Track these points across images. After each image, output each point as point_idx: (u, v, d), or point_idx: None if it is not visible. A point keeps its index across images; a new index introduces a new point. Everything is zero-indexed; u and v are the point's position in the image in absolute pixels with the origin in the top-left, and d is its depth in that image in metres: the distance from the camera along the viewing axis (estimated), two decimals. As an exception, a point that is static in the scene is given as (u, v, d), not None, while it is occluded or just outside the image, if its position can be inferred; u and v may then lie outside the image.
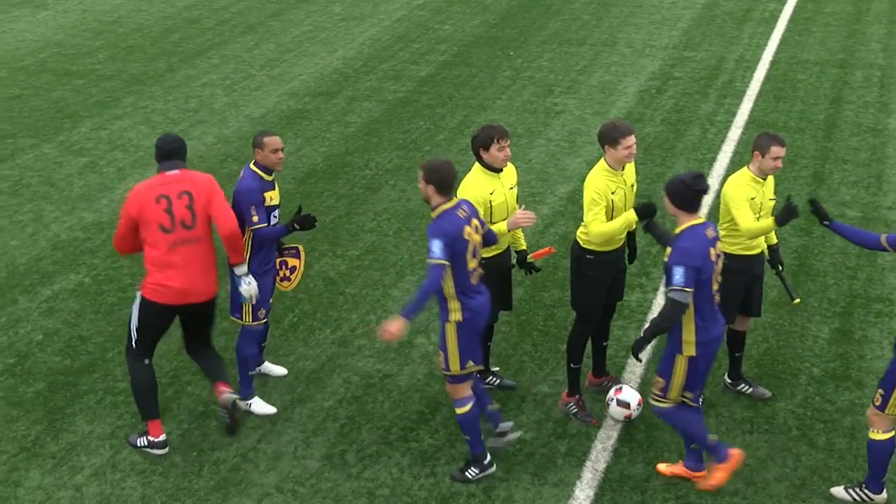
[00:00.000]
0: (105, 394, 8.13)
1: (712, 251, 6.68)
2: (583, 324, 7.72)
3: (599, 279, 7.58)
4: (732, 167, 11.93)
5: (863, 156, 12.35)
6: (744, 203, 7.38)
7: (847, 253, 10.13)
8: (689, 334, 6.67)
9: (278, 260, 7.93)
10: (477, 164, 7.51)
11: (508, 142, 7.45)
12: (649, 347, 8.67)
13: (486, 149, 7.41)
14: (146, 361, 7.37)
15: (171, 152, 7.40)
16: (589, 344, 7.98)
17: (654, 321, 6.80)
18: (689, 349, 6.70)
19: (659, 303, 9.32)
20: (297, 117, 13.67)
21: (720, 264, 6.78)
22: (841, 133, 12.99)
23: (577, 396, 7.84)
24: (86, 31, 17.31)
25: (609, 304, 7.87)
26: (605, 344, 8.07)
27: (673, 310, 6.56)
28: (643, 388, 8.09)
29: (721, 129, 13.12)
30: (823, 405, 7.97)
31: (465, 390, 6.99)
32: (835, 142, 12.74)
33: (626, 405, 7.64)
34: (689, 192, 6.68)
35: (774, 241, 7.90)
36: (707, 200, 11.19)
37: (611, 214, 7.36)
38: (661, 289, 9.53)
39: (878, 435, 6.80)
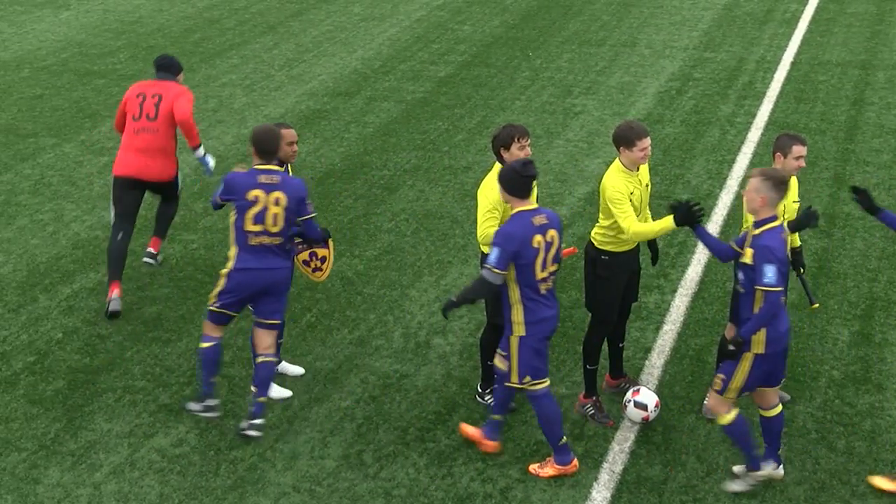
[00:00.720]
0: (124, 392, 8.18)
1: (538, 238, 6.82)
2: (599, 325, 7.70)
3: (615, 280, 7.57)
4: (752, 169, 11.87)
5: (885, 158, 12.26)
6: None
7: (868, 255, 10.06)
8: (517, 315, 6.93)
9: (308, 252, 7.96)
10: (497, 164, 7.50)
11: (529, 141, 7.45)
12: (667, 348, 8.65)
13: (507, 148, 7.41)
14: (120, 235, 9.20)
15: (162, 66, 9.50)
16: (606, 345, 7.96)
17: (463, 290, 7.06)
18: (519, 329, 6.94)
19: (677, 304, 9.29)
20: (316, 117, 13.70)
21: (553, 252, 6.92)
22: (863, 135, 12.91)
23: (594, 398, 7.82)
24: (107, 32, 17.41)
25: (625, 305, 7.85)
26: (621, 345, 8.05)
27: (480, 285, 6.89)
28: (661, 390, 8.06)
29: (741, 131, 13.06)
30: (843, 408, 7.92)
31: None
32: (856, 143, 12.65)
33: (644, 407, 7.62)
34: (519, 179, 6.87)
35: (798, 243, 7.85)
36: (727, 202, 11.15)
37: None
38: (680, 290, 9.50)
39: (725, 418, 6.89)
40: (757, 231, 6.73)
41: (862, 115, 13.51)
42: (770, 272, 6.55)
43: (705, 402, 7.85)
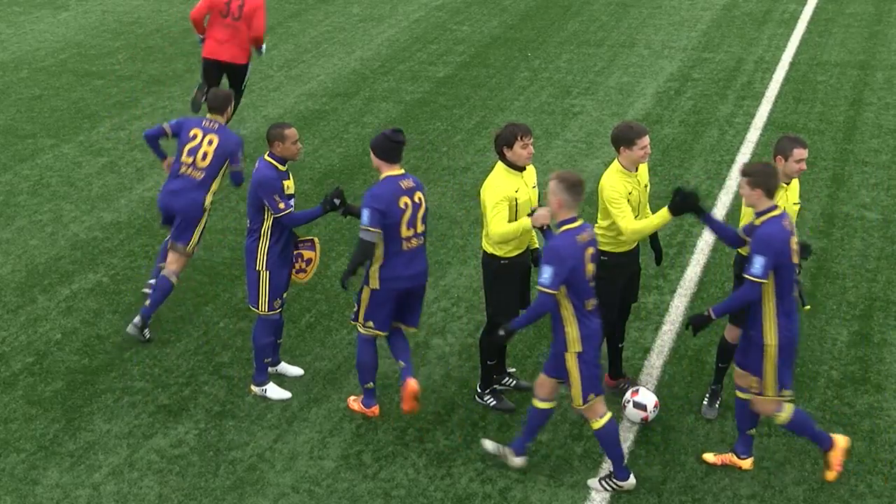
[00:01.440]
0: (123, 393, 8.17)
1: (405, 199, 7.30)
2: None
3: (614, 281, 7.57)
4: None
5: (883, 158, 12.27)
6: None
7: (867, 256, 10.07)
8: (374, 269, 7.41)
9: (294, 252, 7.99)
10: (500, 163, 7.51)
11: (532, 139, 7.46)
12: (666, 349, 8.65)
13: (510, 146, 7.42)
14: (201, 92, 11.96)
15: None
16: (605, 346, 7.97)
17: (352, 256, 7.42)
18: (374, 282, 7.45)
19: (676, 305, 9.29)
20: (315, 118, 13.70)
21: (421, 213, 7.40)
22: (861, 135, 12.92)
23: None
24: (106, 32, 17.40)
25: (624, 305, 7.86)
26: (620, 346, 8.05)
27: (361, 247, 7.31)
28: (660, 390, 8.06)
29: (740, 131, 13.07)
30: (842, 408, 7.92)
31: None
32: (855, 144, 12.66)
33: (643, 407, 7.62)
34: (388, 144, 7.33)
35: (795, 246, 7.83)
36: (726, 202, 11.16)
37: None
38: (679, 291, 9.50)
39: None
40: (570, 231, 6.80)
41: (860, 116, 13.51)
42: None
43: (704, 402, 7.86)
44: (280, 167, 7.78)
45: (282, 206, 7.65)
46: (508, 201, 7.35)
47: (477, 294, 9.47)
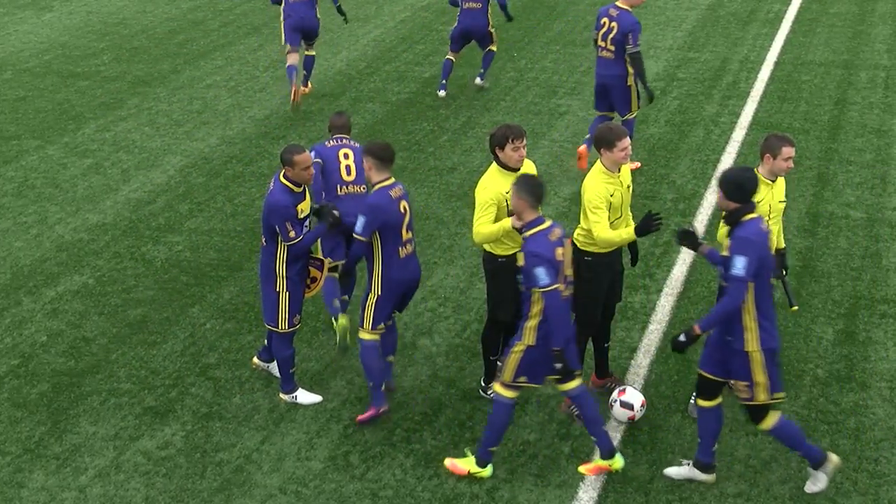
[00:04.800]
0: (109, 395, 8.14)
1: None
2: (582, 326, 7.73)
3: (597, 281, 7.61)
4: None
5: (867, 157, 12.33)
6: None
7: (851, 254, 10.11)
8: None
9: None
10: (494, 163, 7.55)
11: (524, 142, 7.49)
12: (653, 348, 8.67)
13: (502, 148, 7.47)
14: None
15: None
16: (591, 345, 7.99)
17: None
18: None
19: (662, 304, 9.32)
20: (301, 119, 13.67)
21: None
22: (846, 134, 12.97)
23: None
24: (90, 33, 17.34)
25: (608, 305, 7.89)
26: (606, 345, 8.07)
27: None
28: (647, 390, 8.08)
29: (725, 131, 13.11)
30: (828, 406, 7.95)
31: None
32: (839, 143, 12.72)
33: (630, 406, 7.64)
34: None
35: (782, 245, 7.87)
36: (712, 201, 11.18)
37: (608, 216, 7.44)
38: (666, 290, 9.53)
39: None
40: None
41: (845, 115, 13.58)
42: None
43: (691, 401, 7.88)
44: (295, 189, 7.62)
45: (292, 234, 7.53)
46: (497, 203, 7.39)
47: (464, 294, 9.48)
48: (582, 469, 7.23)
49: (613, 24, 11.38)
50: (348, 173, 8.55)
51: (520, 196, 6.89)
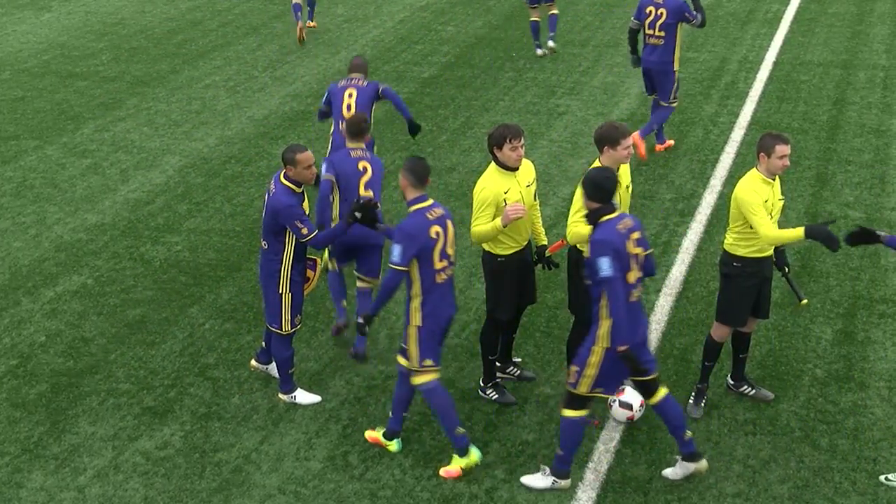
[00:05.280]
0: (108, 395, 8.14)
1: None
2: (581, 326, 7.72)
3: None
4: (735, 168, 11.93)
5: (866, 157, 12.33)
6: (760, 208, 7.29)
7: (850, 254, 10.12)
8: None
9: None
10: (493, 163, 7.55)
11: (522, 142, 7.49)
12: (652, 348, 8.67)
13: (500, 148, 7.47)
14: None
15: None
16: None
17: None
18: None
19: (661, 304, 9.32)
20: (300, 119, 13.67)
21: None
22: (844, 134, 12.98)
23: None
24: (89, 33, 17.34)
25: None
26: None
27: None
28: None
29: (724, 131, 13.11)
30: (826, 406, 7.96)
31: None
32: (838, 143, 12.72)
33: (629, 406, 7.64)
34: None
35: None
36: (710, 201, 11.19)
37: None
38: (664, 290, 9.53)
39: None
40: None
41: (843, 115, 13.58)
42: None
43: (690, 401, 7.89)
44: (296, 189, 7.62)
45: (305, 230, 7.48)
46: (495, 203, 7.38)
47: (463, 294, 9.48)
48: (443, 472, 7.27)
49: (661, 10, 11.86)
50: (348, 110, 9.75)
51: (405, 175, 7.09)
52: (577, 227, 7.24)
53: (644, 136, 12.04)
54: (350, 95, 9.82)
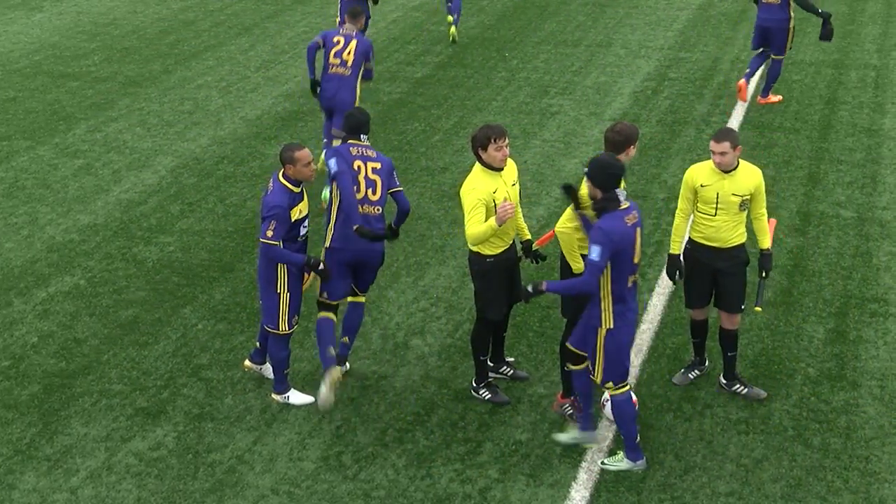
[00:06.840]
0: (100, 396, 8.13)
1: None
2: (573, 326, 7.73)
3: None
4: (728, 168, 11.93)
5: (858, 156, 12.36)
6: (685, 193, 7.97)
7: (842, 253, 10.14)
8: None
9: None
10: (478, 164, 7.54)
11: (507, 141, 7.48)
12: (645, 347, 8.69)
13: (485, 149, 7.46)
14: None
15: None
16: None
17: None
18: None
19: (654, 303, 9.34)
20: (293, 119, 13.67)
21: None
22: (836, 133, 13.01)
23: (572, 397, 7.85)
24: (81, 34, 17.30)
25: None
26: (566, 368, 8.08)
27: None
28: (638, 389, 8.10)
29: (716, 130, 13.10)
30: (819, 405, 7.98)
31: None
32: (830, 142, 12.75)
33: (622, 406, 7.64)
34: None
35: (767, 245, 7.87)
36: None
37: None
38: (657, 290, 9.55)
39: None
40: None
41: (835, 114, 13.61)
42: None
43: (680, 371, 7.95)
44: (294, 189, 7.58)
45: (270, 233, 7.43)
46: (486, 203, 7.39)
47: (456, 294, 9.49)
48: None
49: None
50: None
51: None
52: (565, 227, 7.35)
53: (765, 97, 13.75)
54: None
